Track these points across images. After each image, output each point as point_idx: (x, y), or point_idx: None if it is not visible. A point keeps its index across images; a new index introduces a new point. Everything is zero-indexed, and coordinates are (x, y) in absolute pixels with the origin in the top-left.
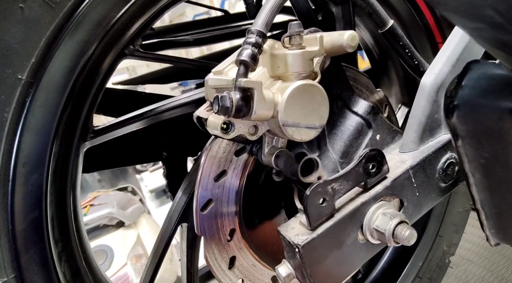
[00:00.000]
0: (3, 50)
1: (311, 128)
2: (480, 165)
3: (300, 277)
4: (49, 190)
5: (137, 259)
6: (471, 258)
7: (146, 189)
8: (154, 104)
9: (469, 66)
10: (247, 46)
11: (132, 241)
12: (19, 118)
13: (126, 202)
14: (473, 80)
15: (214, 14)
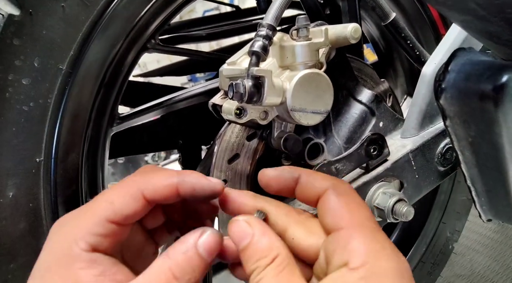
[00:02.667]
0: (48, 43)
1: (316, 113)
2: (468, 143)
3: None
4: (83, 168)
5: None
6: (476, 248)
7: None
8: (172, 94)
9: (455, 53)
10: (258, 38)
11: None
12: (60, 104)
13: None
14: (458, 66)
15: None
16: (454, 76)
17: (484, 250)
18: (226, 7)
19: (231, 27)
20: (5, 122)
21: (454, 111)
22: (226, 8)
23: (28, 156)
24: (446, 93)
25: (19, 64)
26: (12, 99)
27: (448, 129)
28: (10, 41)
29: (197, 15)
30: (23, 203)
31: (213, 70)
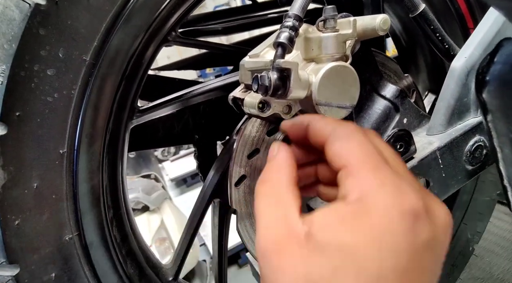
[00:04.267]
0: (72, 34)
1: (342, 108)
2: (509, 140)
3: None
4: (104, 161)
5: (161, 242)
6: (495, 250)
7: (167, 178)
8: (190, 88)
9: (501, 43)
10: (284, 29)
11: (156, 224)
12: (83, 95)
13: (150, 188)
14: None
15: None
16: (499, 67)
17: (503, 252)
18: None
19: (247, 21)
20: (30, 113)
21: (497, 105)
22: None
23: (52, 147)
24: (490, 86)
25: (44, 55)
26: (37, 90)
27: (488, 124)
28: (36, 31)
29: (207, 11)
30: (47, 194)
31: (230, 64)
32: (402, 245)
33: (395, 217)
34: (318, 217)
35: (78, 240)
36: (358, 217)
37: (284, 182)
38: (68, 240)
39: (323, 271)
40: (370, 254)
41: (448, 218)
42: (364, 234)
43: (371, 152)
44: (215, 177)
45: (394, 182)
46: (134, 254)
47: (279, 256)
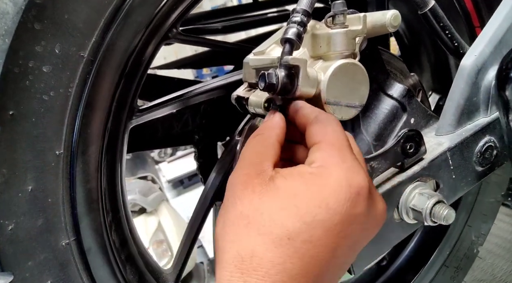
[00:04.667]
0: (70, 29)
1: (351, 107)
2: None
3: None
4: (103, 163)
5: (159, 244)
6: (497, 252)
7: (164, 179)
8: (190, 87)
9: None
10: (292, 25)
11: (153, 227)
12: (81, 94)
13: (147, 190)
14: None
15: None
16: None
17: (506, 254)
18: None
19: (248, 19)
20: (25, 112)
21: None
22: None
23: (48, 148)
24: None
25: (40, 51)
26: (32, 88)
27: (510, 123)
28: (31, 26)
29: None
30: (42, 198)
31: (231, 64)
32: (338, 208)
33: (343, 186)
34: (285, 169)
35: (75, 246)
36: (314, 178)
37: (272, 138)
38: (65, 246)
39: (271, 207)
40: (311, 205)
41: (384, 211)
42: (313, 190)
43: (341, 138)
44: (217, 179)
45: (352, 163)
46: (133, 259)
47: (243, 187)
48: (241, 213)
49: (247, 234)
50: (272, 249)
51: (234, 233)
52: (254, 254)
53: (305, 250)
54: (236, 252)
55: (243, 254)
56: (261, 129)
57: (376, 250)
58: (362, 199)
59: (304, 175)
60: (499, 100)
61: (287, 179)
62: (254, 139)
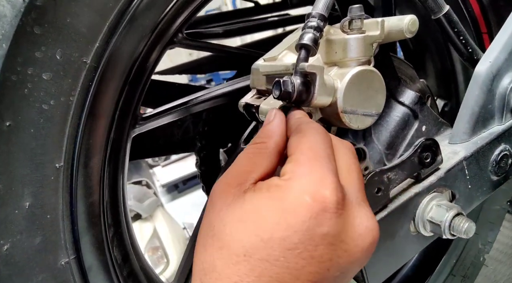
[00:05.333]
0: (72, 34)
1: (367, 116)
2: None
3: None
4: (105, 174)
5: (154, 251)
6: (499, 258)
7: (158, 183)
8: (194, 94)
9: None
10: (308, 30)
11: (149, 233)
12: (84, 102)
13: (142, 195)
14: None
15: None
16: None
17: (507, 260)
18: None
19: (249, 23)
20: (23, 123)
21: None
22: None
23: (47, 161)
24: None
25: (39, 57)
26: (31, 97)
27: None
28: (30, 30)
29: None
30: (41, 214)
31: (234, 69)
32: (298, 225)
33: (305, 201)
34: (261, 182)
35: (76, 264)
36: (278, 191)
37: (269, 148)
38: (64, 265)
39: (232, 220)
40: (270, 221)
41: (369, 234)
42: (274, 205)
43: (317, 147)
44: None
45: (322, 174)
46: (135, 275)
47: (219, 196)
48: (210, 223)
49: (211, 245)
50: (229, 265)
51: (202, 243)
52: (215, 269)
53: (262, 269)
54: (201, 264)
55: (206, 267)
56: (259, 137)
57: (392, 263)
58: (328, 216)
59: (270, 188)
60: None
61: (256, 192)
62: (251, 147)
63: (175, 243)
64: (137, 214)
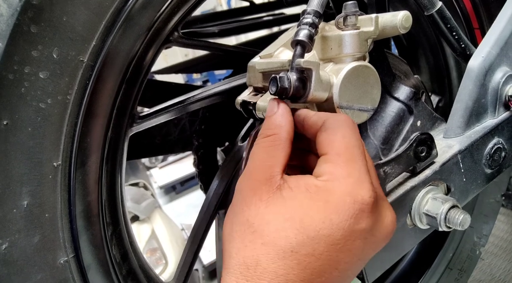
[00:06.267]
0: (68, 32)
1: (363, 111)
2: None
3: None
4: (103, 173)
5: (152, 252)
6: (494, 251)
7: (155, 185)
8: (191, 93)
9: None
10: (303, 27)
11: (147, 235)
12: (81, 101)
13: (139, 197)
14: None
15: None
16: None
17: (502, 253)
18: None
19: (245, 23)
20: (20, 122)
21: None
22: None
23: (45, 159)
24: None
25: (36, 55)
26: (28, 95)
27: None
28: (27, 29)
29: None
30: (39, 213)
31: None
32: (341, 224)
33: (346, 202)
34: (292, 179)
35: (75, 263)
36: (320, 192)
37: (282, 139)
38: (63, 264)
39: (276, 218)
40: (315, 219)
41: (392, 224)
42: (317, 205)
43: (351, 145)
44: (220, 187)
45: (359, 176)
46: (134, 274)
47: (252, 193)
48: (247, 220)
49: (253, 242)
50: (276, 260)
51: (241, 239)
52: (259, 264)
53: (308, 262)
54: (242, 259)
55: (248, 262)
56: (269, 128)
57: (390, 257)
58: (365, 215)
59: (310, 188)
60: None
61: (294, 190)
62: (264, 141)
63: (173, 244)
64: (135, 215)
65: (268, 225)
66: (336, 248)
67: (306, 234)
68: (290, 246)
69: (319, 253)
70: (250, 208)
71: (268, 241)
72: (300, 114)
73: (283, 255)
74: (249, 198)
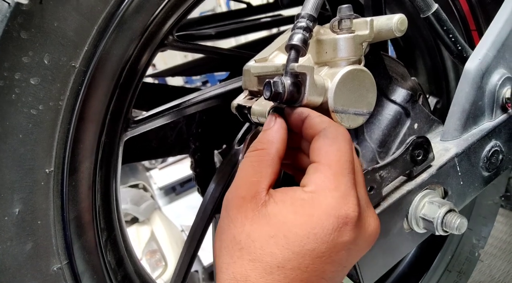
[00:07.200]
0: (59, 38)
1: (359, 114)
2: None
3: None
4: (96, 179)
5: (152, 254)
6: (493, 253)
7: (155, 186)
8: (187, 96)
9: None
10: (298, 31)
11: (146, 236)
12: (73, 107)
13: (139, 198)
14: None
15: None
16: None
17: (501, 254)
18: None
19: (241, 25)
20: (11, 128)
21: None
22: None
23: (37, 166)
24: None
25: (27, 61)
26: (19, 102)
27: None
28: (17, 35)
29: (193, 17)
30: (31, 220)
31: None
32: (325, 238)
33: (330, 216)
34: (278, 193)
35: (68, 270)
36: (305, 205)
37: (271, 155)
38: (57, 271)
39: (261, 235)
40: (300, 234)
41: (375, 231)
42: (302, 219)
43: (344, 160)
44: (217, 190)
45: (345, 190)
46: (130, 280)
47: (237, 210)
48: (234, 237)
49: (241, 258)
50: (264, 275)
51: (229, 255)
52: (248, 279)
53: (295, 275)
54: (232, 274)
55: (238, 277)
56: (260, 142)
57: (387, 261)
58: (349, 228)
59: (295, 202)
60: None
61: (279, 205)
62: (253, 155)
63: (173, 245)
64: (134, 217)
65: (254, 242)
66: (321, 260)
67: (291, 250)
68: (276, 262)
69: (305, 266)
70: (236, 225)
71: (255, 258)
72: (304, 112)
73: (270, 270)
74: (235, 215)
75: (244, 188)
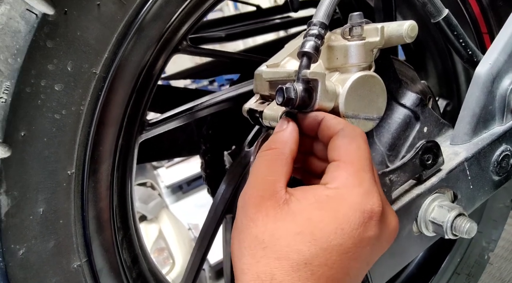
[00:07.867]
0: (82, 46)
1: (369, 119)
2: None
3: None
4: (114, 180)
5: (160, 252)
6: (504, 255)
7: (162, 184)
8: (200, 99)
9: None
10: (310, 38)
11: (154, 234)
12: (93, 111)
13: (147, 197)
14: None
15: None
16: None
17: None
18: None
19: (251, 27)
20: (37, 132)
21: None
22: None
23: (60, 168)
24: None
25: (52, 69)
26: (44, 107)
27: None
28: (43, 44)
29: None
30: (53, 220)
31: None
32: (352, 233)
33: (356, 211)
34: (298, 191)
35: (87, 267)
36: (330, 201)
37: (285, 154)
38: (77, 268)
39: (287, 233)
40: (326, 230)
41: (396, 228)
42: (328, 215)
43: (364, 157)
44: (227, 191)
45: (368, 186)
46: (144, 277)
47: (257, 209)
48: (256, 237)
49: (265, 257)
50: (290, 273)
51: (251, 255)
52: (274, 277)
53: (322, 272)
54: (256, 274)
55: (263, 277)
56: (274, 142)
57: (396, 264)
58: (374, 223)
59: (320, 198)
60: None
61: (302, 202)
62: (267, 154)
63: (180, 244)
64: (143, 215)
65: (279, 240)
66: (347, 256)
67: (319, 245)
68: (303, 259)
69: (332, 262)
70: (257, 224)
71: (281, 256)
72: (319, 115)
73: (297, 268)
74: (254, 214)
75: (261, 187)
